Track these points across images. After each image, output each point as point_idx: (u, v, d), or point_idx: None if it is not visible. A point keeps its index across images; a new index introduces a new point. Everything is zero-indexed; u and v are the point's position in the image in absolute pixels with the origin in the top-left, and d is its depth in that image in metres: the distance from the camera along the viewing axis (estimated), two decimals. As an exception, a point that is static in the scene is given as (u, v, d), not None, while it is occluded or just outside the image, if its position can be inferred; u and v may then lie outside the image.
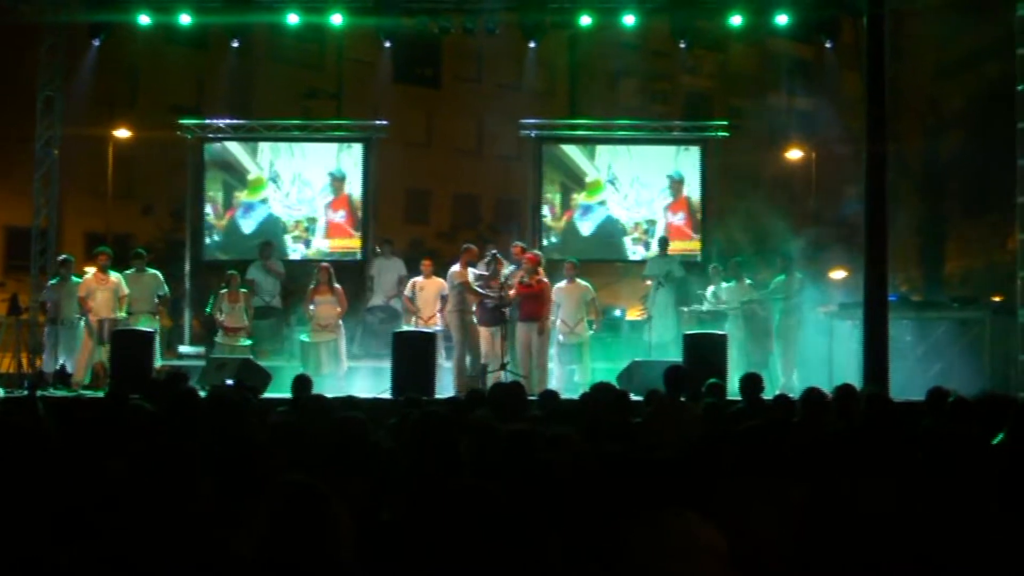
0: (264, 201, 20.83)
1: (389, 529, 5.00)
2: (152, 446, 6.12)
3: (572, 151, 21.25)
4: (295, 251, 20.79)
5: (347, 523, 4.47)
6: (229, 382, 14.99)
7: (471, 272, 16.23)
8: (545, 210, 21.09)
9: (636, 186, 21.02)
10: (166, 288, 17.65)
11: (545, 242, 20.59)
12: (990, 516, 4.94)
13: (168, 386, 10.16)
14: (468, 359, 16.15)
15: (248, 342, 17.45)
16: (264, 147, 21.03)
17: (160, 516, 5.11)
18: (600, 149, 21.32)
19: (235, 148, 20.97)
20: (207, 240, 20.88)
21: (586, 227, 21.10)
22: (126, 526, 5.02)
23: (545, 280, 16.38)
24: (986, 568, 4.75)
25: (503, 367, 15.42)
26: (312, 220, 20.83)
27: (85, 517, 5.09)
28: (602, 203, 21.09)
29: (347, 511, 4.47)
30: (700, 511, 4.76)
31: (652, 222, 20.91)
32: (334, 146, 21.14)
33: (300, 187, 20.84)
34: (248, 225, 20.86)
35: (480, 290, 16.08)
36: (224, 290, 17.65)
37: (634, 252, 21.05)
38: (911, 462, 5.65)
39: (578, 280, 16.86)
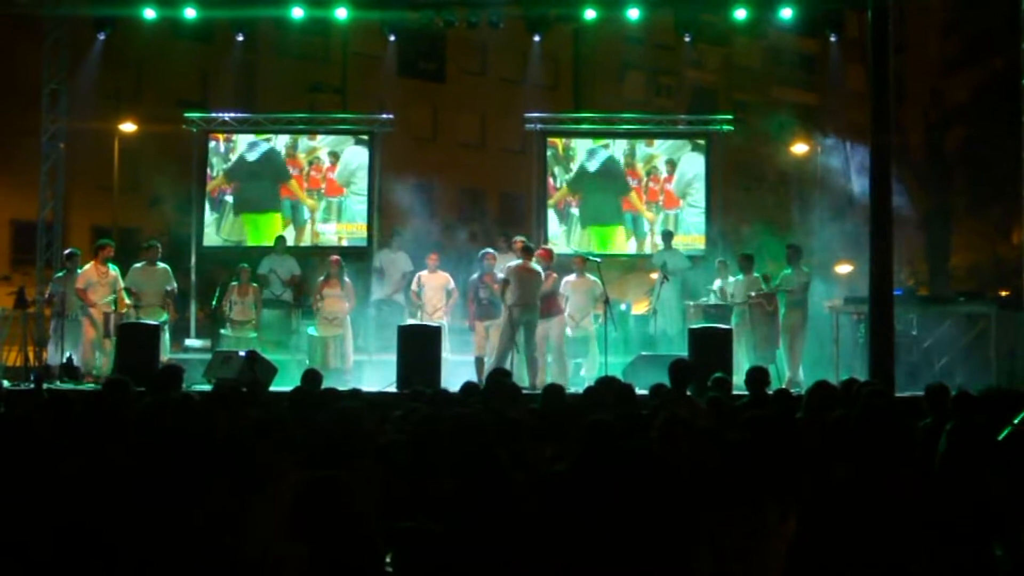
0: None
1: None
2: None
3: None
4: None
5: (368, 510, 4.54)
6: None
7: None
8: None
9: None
10: (174, 283, 17.53)
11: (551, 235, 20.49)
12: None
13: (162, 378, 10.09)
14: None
15: (254, 334, 17.50)
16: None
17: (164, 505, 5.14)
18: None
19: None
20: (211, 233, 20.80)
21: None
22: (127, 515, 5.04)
23: (553, 275, 16.41)
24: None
25: None
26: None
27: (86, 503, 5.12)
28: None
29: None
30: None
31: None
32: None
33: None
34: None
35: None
36: (235, 283, 17.72)
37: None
38: (909, 457, 5.65)
39: (587, 275, 16.83)
